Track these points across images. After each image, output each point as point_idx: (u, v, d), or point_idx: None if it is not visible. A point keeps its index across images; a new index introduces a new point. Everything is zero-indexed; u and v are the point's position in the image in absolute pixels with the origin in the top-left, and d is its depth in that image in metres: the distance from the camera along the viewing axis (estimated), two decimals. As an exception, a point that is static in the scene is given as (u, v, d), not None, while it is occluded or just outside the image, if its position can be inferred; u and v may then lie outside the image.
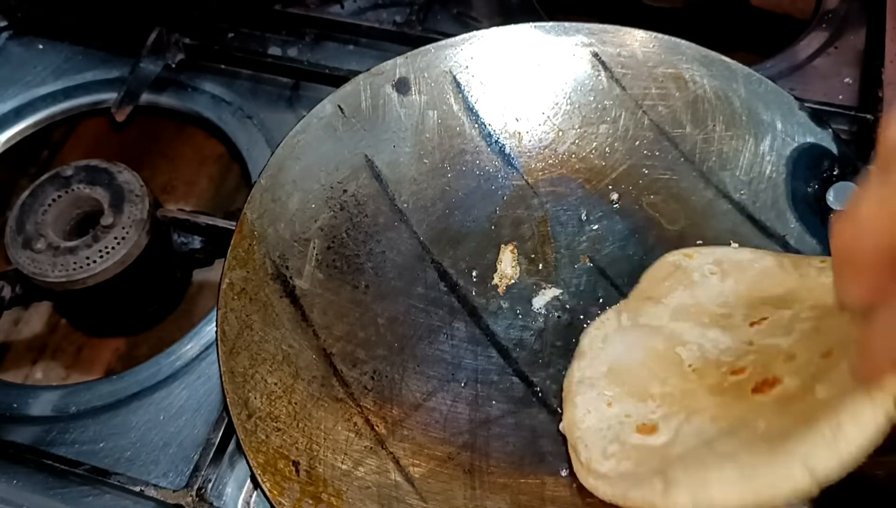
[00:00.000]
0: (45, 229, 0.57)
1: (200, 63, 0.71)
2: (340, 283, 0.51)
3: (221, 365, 0.45)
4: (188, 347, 0.56)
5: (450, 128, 0.56)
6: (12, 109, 0.71)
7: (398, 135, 0.56)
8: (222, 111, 0.69)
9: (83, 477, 0.50)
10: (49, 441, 0.53)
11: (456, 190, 0.55)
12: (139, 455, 0.52)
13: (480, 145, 0.56)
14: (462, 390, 0.48)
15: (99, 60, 0.73)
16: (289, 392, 0.46)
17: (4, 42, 0.76)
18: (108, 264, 0.56)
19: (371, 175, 0.55)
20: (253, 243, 0.50)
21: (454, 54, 0.57)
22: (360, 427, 0.46)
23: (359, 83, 0.55)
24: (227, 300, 0.47)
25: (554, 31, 0.57)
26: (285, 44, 0.72)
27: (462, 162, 0.56)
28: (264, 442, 0.43)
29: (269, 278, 0.49)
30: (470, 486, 0.44)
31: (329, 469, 0.44)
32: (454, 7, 0.73)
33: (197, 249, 0.64)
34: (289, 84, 0.70)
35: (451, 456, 0.45)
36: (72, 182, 0.59)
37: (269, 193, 0.51)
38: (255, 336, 0.47)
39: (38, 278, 0.56)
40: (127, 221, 0.58)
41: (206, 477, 0.49)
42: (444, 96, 0.56)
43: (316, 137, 0.54)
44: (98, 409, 0.54)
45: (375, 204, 0.54)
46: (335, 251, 0.52)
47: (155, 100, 0.70)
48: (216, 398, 0.54)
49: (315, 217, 0.52)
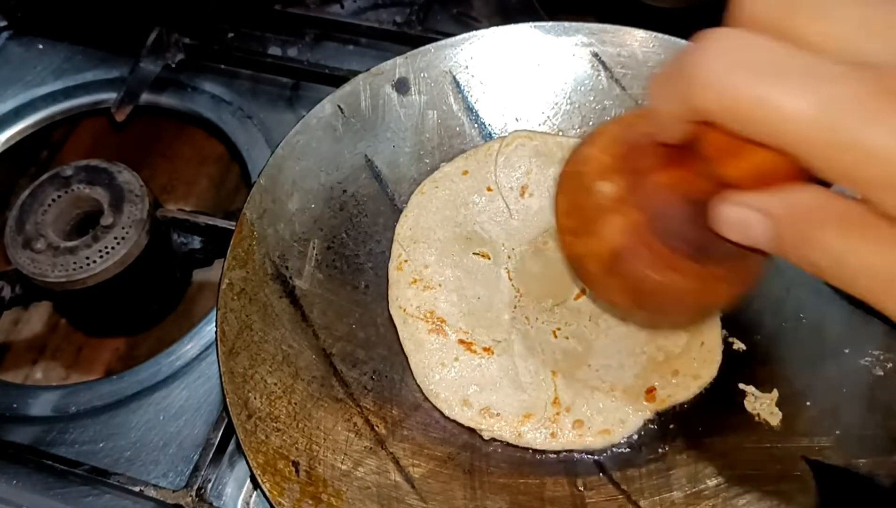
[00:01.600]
0: (45, 229, 0.57)
1: (200, 63, 0.71)
2: (340, 283, 0.51)
3: (221, 365, 0.45)
4: (188, 347, 0.56)
5: (450, 128, 0.56)
6: (12, 109, 0.71)
7: (398, 135, 0.56)
8: (222, 111, 0.69)
9: (83, 477, 0.50)
10: (49, 441, 0.53)
11: (456, 190, 0.55)
12: (139, 455, 0.52)
13: (480, 145, 0.56)
14: (462, 390, 0.48)
15: (99, 60, 0.73)
16: (289, 393, 0.46)
17: (4, 42, 0.76)
18: (108, 264, 0.56)
19: (371, 175, 0.55)
20: (253, 244, 0.50)
21: (454, 54, 0.57)
22: (359, 428, 0.46)
23: (358, 83, 0.55)
24: (227, 301, 0.47)
25: (554, 31, 0.57)
26: (285, 44, 0.72)
27: (462, 162, 0.56)
28: (264, 443, 0.43)
29: (268, 279, 0.49)
30: (470, 486, 0.44)
31: (329, 469, 0.44)
32: (454, 7, 0.73)
33: (197, 249, 0.64)
34: (289, 84, 0.70)
35: (451, 456, 0.45)
36: (72, 182, 0.59)
37: (269, 193, 0.51)
38: (254, 337, 0.47)
39: (38, 278, 0.56)
40: (127, 221, 0.58)
41: (206, 477, 0.49)
42: (444, 96, 0.56)
43: (316, 137, 0.54)
44: (98, 409, 0.54)
45: (375, 204, 0.54)
46: (335, 251, 0.52)
47: (155, 100, 0.70)
48: (216, 398, 0.54)
49: (315, 217, 0.52)
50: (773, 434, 0.45)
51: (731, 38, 0.27)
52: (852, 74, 0.25)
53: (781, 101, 0.25)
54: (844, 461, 0.43)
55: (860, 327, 0.47)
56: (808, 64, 0.25)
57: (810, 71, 0.25)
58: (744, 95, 0.26)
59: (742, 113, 0.26)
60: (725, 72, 0.26)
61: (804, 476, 0.43)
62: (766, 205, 0.29)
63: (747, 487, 0.43)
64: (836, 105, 0.24)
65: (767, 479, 0.43)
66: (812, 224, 0.28)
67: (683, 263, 0.32)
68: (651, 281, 0.33)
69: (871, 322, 0.47)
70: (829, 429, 0.44)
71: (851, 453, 0.43)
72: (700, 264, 0.32)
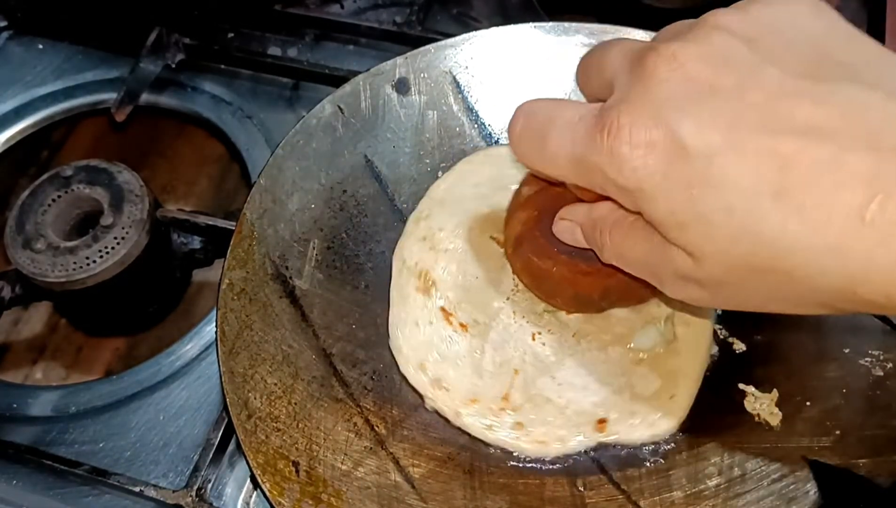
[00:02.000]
0: (44, 229, 0.57)
1: (200, 63, 0.71)
2: (340, 283, 0.51)
3: (221, 365, 0.45)
4: (188, 347, 0.56)
5: (449, 128, 0.56)
6: (12, 109, 0.71)
7: (398, 135, 0.56)
8: (222, 111, 0.69)
9: (83, 477, 0.50)
10: (49, 441, 0.53)
11: (456, 190, 0.55)
12: (139, 456, 0.52)
13: (480, 145, 0.56)
14: (462, 390, 0.48)
15: (99, 60, 0.73)
16: (288, 393, 0.46)
17: (4, 42, 0.76)
18: (108, 265, 0.56)
19: (371, 175, 0.55)
20: (253, 244, 0.50)
21: (454, 54, 0.57)
22: (359, 428, 0.46)
23: (358, 83, 0.55)
24: (227, 301, 0.47)
25: (554, 31, 0.57)
26: (285, 44, 0.72)
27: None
28: (264, 443, 0.43)
29: (268, 279, 0.49)
30: (470, 486, 0.44)
31: (329, 469, 0.44)
32: (454, 7, 0.73)
33: (197, 249, 0.64)
34: (289, 84, 0.70)
35: (450, 456, 0.45)
36: (72, 182, 0.59)
37: (269, 193, 0.51)
38: (254, 337, 0.47)
39: (38, 278, 0.56)
40: (127, 221, 0.58)
41: (206, 477, 0.49)
42: (444, 97, 0.56)
43: (316, 138, 0.54)
44: (98, 409, 0.54)
45: (375, 204, 0.54)
46: (335, 252, 0.52)
47: (155, 100, 0.70)
48: (216, 398, 0.54)
49: (315, 217, 0.52)
50: (773, 434, 0.45)
51: (524, 114, 0.38)
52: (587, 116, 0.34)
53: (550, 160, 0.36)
54: (844, 461, 0.43)
55: (860, 327, 0.47)
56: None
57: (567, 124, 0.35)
58: (534, 166, 0.38)
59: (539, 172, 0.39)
60: (520, 150, 0.38)
61: (804, 475, 0.43)
62: (575, 217, 0.40)
63: (747, 487, 0.43)
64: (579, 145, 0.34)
65: (767, 479, 0.43)
66: (601, 228, 0.37)
67: (557, 255, 0.42)
68: (535, 265, 0.44)
69: (871, 322, 0.47)
70: (829, 429, 0.44)
71: (851, 453, 0.43)
72: (570, 259, 0.42)
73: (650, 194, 0.32)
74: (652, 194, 0.32)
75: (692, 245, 0.32)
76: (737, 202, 0.30)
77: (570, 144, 0.34)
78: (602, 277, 0.42)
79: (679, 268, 0.33)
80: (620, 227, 0.36)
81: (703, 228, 0.31)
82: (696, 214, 0.31)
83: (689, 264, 0.33)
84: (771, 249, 0.30)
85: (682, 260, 0.33)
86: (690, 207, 0.31)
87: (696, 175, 0.30)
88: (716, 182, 0.30)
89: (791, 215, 0.29)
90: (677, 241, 0.32)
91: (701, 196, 0.30)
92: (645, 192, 0.32)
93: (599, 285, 0.42)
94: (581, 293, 0.43)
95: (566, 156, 0.35)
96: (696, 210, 0.31)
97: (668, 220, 0.32)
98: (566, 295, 0.44)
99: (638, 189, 0.32)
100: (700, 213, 0.31)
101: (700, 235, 0.31)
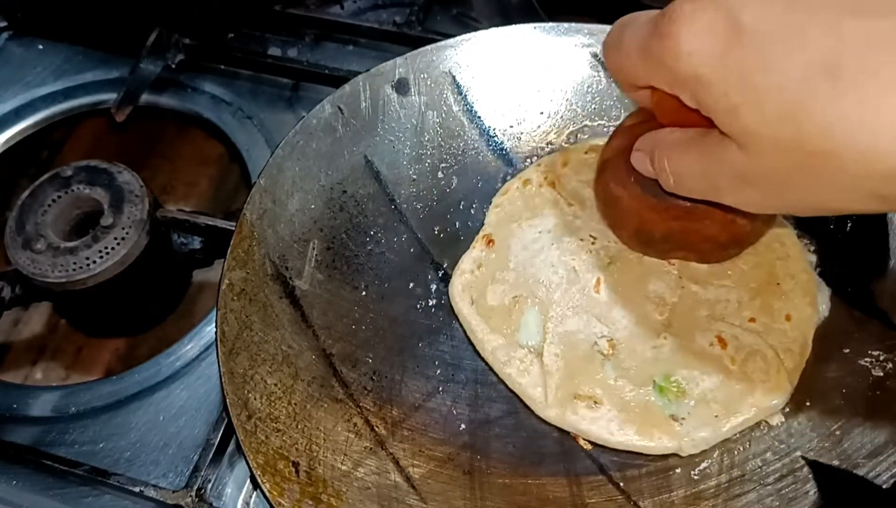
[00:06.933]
0: (45, 229, 0.57)
1: (200, 63, 0.71)
2: (340, 283, 0.51)
3: (221, 366, 0.45)
4: (188, 347, 0.56)
5: (449, 128, 0.56)
6: (12, 109, 0.71)
7: (398, 135, 0.56)
8: (222, 112, 0.69)
9: (83, 478, 0.50)
10: (49, 442, 0.53)
11: (456, 190, 0.55)
12: (139, 456, 0.52)
13: (480, 146, 0.56)
14: (462, 390, 0.48)
15: (99, 60, 0.73)
16: (288, 393, 0.46)
17: (4, 42, 0.76)
18: (108, 265, 0.56)
19: (370, 175, 0.55)
20: (253, 244, 0.50)
21: (454, 55, 0.57)
22: (359, 428, 0.46)
23: (358, 84, 0.55)
24: (227, 301, 0.47)
25: (554, 31, 0.57)
26: (285, 44, 0.72)
27: (462, 162, 0.56)
28: (264, 443, 0.43)
29: (268, 279, 0.49)
30: (469, 487, 0.44)
31: (329, 469, 0.44)
32: (454, 7, 0.73)
33: (197, 249, 0.64)
34: (289, 84, 0.70)
35: (450, 457, 0.45)
36: (72, 182, 0.59)
37: (269, 193, 0.51)
38: (254, 337, 0.47)
39: (38, 278, 0.56)
40: (127, 221, 0.58)
41: (206, 478, 0.49)
42: (444, 97, 0.56)
43: (316, 138, 0.54)
44: (98, 409, 0.54)
45: (375, 204, 0.54)
46: (335, 252, 0.52)
47: (155, 100, 0.70)
48: (216, 398, 0.54)
49: (315, 218, 0.52)
50: (773, 434, 0.45)
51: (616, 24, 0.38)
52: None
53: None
54: (844, 461, 0.43)
55: (860, 327, 0.47)
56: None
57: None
58: (613, 66, 0.39)
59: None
60: (606, 53, 0.39)
61: (804, 475, 0.43)
62: (642, 145, 0.41)
63: (747, 487, 0.43)
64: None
65: (767, 479, 0.43)
66: (660, 152, 0.38)
67: (632, 186, 0.43)
68: (609, 190, 0.45)
69: (871, 322, 0.47)
70: (829, 429, 0.44)
71: (851, 453, 0.43)
72: (642, 192, 0.43)
73: (706, 79, 0.32)
74: (708, 79, 0.32)
75: (744, 132, 0.32)
76: (788, 81, 0.30)
77: (640, 34, 0.35)
78: (667, 218, 0.43)
79: (733, 165, 0.33)
80: (677, 147, 0.37)
81: (754, 108, 0.31)
82: (747, 94, 0.31)
83: (741, 159, 0.33)
84: (821, 128, 0.29)
85: (734, 155, 0.33)
86: (742, 87, 0.31)
87: (750, 57, 0.31)
88: (769, 62, 0.30)
89: (843, 92, 0.29)
90: (730, 128, 0.32)
91: (753, 76, 0.31)
92: (701, 78, 0.32)
93: (663, 224, 0.43)
94: (643, 229, 0.44)
95: (636, 46, 0.35)
96: (748, 90, 0.31)
97: (721, 103, 0.32)
98: (630, 227, 0.45)
99: (694, 76, 0.32)
100: (752, 92, 0.31)
101: (751, 116, 0.31)
